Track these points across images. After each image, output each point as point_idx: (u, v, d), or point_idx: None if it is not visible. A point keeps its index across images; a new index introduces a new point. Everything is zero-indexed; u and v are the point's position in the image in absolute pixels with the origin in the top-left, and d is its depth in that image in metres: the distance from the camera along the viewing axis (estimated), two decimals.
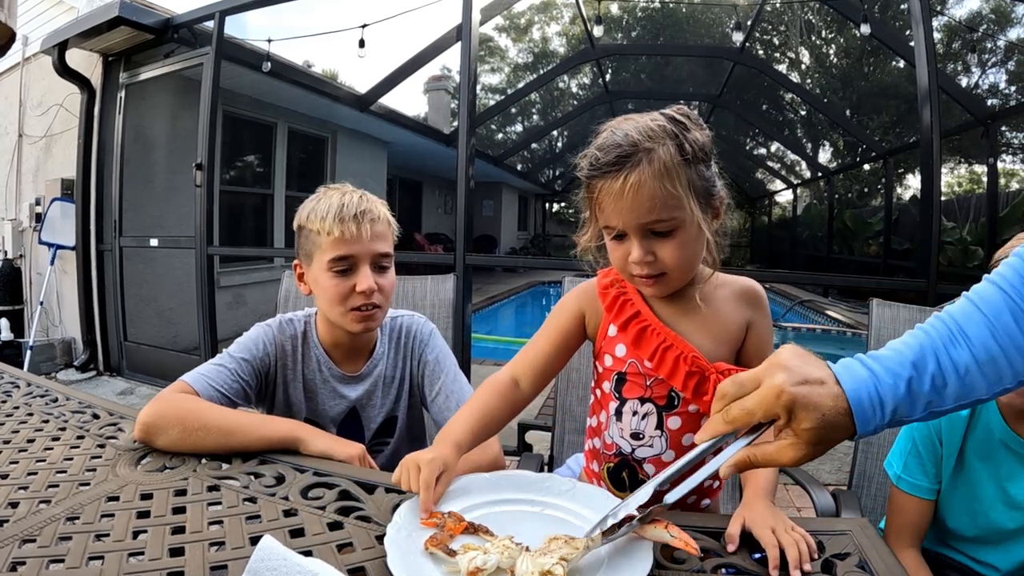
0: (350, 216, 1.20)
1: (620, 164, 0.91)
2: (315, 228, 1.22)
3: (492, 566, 0.70)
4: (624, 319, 1.04)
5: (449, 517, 0.80)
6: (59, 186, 4.93)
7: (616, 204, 0.92)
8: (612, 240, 0.99)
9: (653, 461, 1.04)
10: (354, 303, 1.22)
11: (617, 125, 0.97)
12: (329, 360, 1.32)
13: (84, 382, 4.78)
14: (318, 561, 0.68)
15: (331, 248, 1.21)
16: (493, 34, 16.26)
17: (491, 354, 6.35)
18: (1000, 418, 1.09)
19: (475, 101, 3.40)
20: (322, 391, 1.31)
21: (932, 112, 2.73)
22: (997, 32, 10.11)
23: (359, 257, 1.22)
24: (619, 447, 1.06)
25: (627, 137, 0.92)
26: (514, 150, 15.66)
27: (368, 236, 1.22)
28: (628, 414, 1.05)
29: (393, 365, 1.37)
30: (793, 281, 11.43)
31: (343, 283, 1.22)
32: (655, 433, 1.03)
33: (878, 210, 11.93)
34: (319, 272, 1.23)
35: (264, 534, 0.69)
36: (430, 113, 14.35)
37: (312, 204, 1.26)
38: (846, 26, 10.36)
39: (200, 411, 1.06)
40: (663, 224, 0.92)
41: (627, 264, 0.97)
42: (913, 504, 1.17)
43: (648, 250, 0.94)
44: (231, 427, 1.04)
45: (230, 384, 1.19)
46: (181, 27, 4.51)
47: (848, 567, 0.74)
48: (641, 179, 0.90)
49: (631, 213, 0.92)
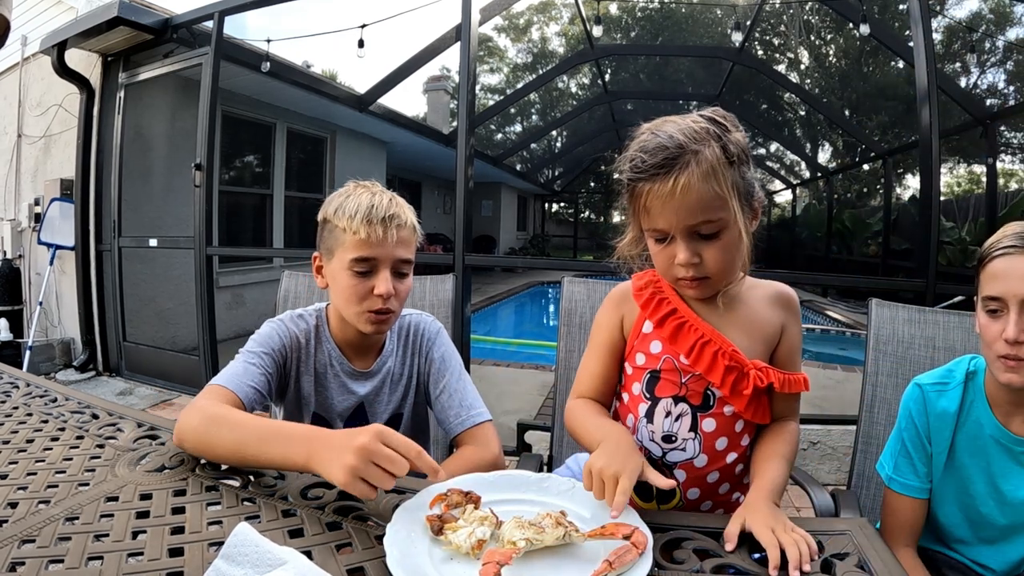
0: (378, 219, 1.19)
1: (668, 166, 0.91)
2: (341, 225, 1.21)
3: (488, 535, 0.77)
4: (661, 315, 1.04)
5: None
6: (58, 186, 4.92)
7: (665, 206, 0.92)
8: (656, 243, 0.99)
9: (685, 467, 1.03)
10: (370, 305, 1.22)
11: (657, 127, 0.96)
12: (341, 355, 1.32)
13: (83, 382, 4.77)
14: (288, 549, 0.69)
15: (354, 248, 1.20)
16: (492, 34, 16.30)
17: (490, 354, 6.35)
18: (991, 414, 1.09)
19: (474, 101, 3.40)
20: (332, 385, 1.31)
21: (931, 112, 2.74)
22: (996, 32, 10.13)
23: (381, 261, 1.22)
24: (648, 452, 1.04)
25: (672, 139, 0.92)
26: (513, 150, 15.65)
27: (393, 241, 1.22)
28: (660, 415, 1.03)
29: (401, 362, 1.37)
30: (792, 281, 11.19)
31: (362, 284, 1.21)
32: (688, 435, 1.02)
33: (877, 210, 11.93)
34: (339, 269, 1.23)
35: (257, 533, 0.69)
36: (429, 113, 14.35)
37: (340, 199, 1.24)
38: (845, 26, 10.37)
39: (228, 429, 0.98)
40: (710, 226, 0.93)
41: (671, 267, 0.97)
42: (906, 504, 1.17)
43: (695, 252, 0.94)
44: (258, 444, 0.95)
45: (259, 379, 1.18)
46: (180, 27, 4.50)
47: (847, 567, 0.74)
48: (690, 181, 0.90)
49: (680, 215, 0.92)
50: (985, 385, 1.11)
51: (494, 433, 1.26)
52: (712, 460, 1.02)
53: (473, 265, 3.33)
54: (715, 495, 1.05)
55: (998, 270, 1.01)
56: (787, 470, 0.98)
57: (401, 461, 0.80)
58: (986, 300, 1.03)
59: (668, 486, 0.87)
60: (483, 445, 1.23)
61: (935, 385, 1.16)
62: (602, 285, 1.64)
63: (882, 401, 1.55)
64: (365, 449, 0.80)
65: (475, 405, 1.29)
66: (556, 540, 0.76)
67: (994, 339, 1.02)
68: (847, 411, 3.42)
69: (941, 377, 1.17)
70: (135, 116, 4.97)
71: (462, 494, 0.85)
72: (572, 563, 0.75)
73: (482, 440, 1.24)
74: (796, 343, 1.08)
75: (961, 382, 1.14)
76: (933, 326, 1.56)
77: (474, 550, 0.74)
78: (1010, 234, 1.01)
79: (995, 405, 1.09)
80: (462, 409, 1.28)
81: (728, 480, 1.05)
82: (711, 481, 1.04)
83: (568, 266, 4.24)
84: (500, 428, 1.15)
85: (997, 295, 1.01)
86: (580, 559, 0.76)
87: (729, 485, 1.06)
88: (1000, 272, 1.01)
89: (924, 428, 1.15)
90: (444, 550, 0.76)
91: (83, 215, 4.92)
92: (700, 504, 1.05)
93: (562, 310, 1.71)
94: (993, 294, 1.02)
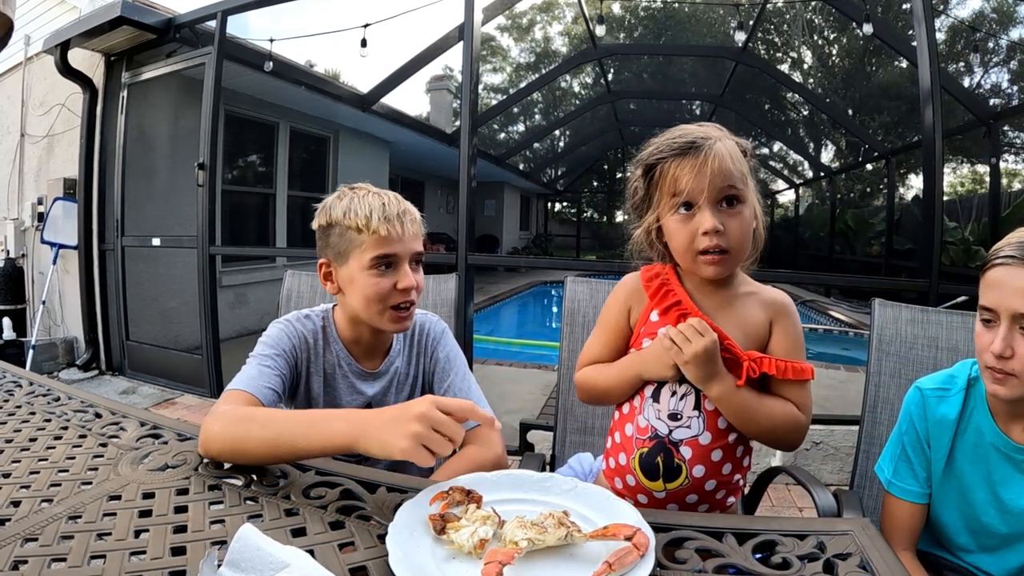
0: (394, 216, 1.22)
1: (695, 146, 1.03)
2: (354, 226, 1.22)
3: (491, 535, 0.77)
4: (667, 305, 1.11)
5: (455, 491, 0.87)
6: (61, 185, 4.93)
7: (692, 174, 1.02)
8: (679, 216, 1.06)
9: (690, 443, 1.06)
10: (394, 301, 1.23)
11: (678, 129, 1.08)
12: (349, 356, 1.33)
13: (86, 381, 4.78)
14: (291, 549, 0.68)
15: (374, 247, 1.22)
16: (495, 34, 16.27)
17: (493, 354, 6.34)
18: (991, 421, 1.08)
19: (477, 101, 3.40)
20: (341, 386, 1.32)
21: (934, 112, 2.73)
22: (999, 32, 10.09)
23: (401, 256, 1.24)
24: (655, 429, 1.08)
25: (693, 132, 1.05)
26: (516, 150, 15.62)
27: (410, 235, 1.25)
28: (666, 394, 1.08)
29: (408, 362, 1.38)
30: (795, 281, 11.35)
31: (384, 281, 1.22)
32: (693, 413, 1.07)
33: (880, 210, 11.90)
34: (357, 271, 1.24)
35: (252, 531, 0.69)
36: (432, 113, 14.35)
37: (345, 203, 1.25)
38: (848, 26, 10.35)
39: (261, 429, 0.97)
40: (734, 191, 1.04)
41: (695, 240, 1.05)
42: (905, 508, 1.17)
43: (720, 220, 1.03)
44: (292, 441, 0.94)
45: (275, 380, 1.19)
46: (183, 27, 4.51)
47: (850, 567, 0.74)
48: (715, 153, 1.02)
49: (709, 179, 1.02)
50: (986, 393, 1.11)
51: (498, 433, 1.26)
52: (716, 438, 1.07)
53: (476, 264, 3.33)
54: (719, 474, 1.08)
55: (994, 280, 1.00)
56: (762, 407, 1.06)
57: (458, 427, 0.84)
58: (981, 309, 1.02)
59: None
60: (486, 445, 1.23)
61: (936, 390, 1.15)
62: (605, 285, 1.64)
63: (885, 401, 1.55)
64: (426, 417, 0.83)
65: (480, 405, 1.29)
66: (558, 540, 0.76)
67: (983, 349, 1.01)
68: (850, 411, 3.41)
69: (943, 382, 1.16)
70: (138, 115, 4.97)
71: (464, 493, 0.86)
72: (574, 563, 0.75)
73: (485, 440, 1.24)
74: (791, 345, 1.11)
75: (962, 388, 1.13)
76: (936, 326, 1.56)
77: (476, 550, 0.74)
78: (1013, 242, 0.99)
79: (996, 413, 1.08)
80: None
81: (730, 460, 1.09)
82: (715, 459, 1.07)
83: (571, 266, 4.24)
84: (503, 428, 1.16)
85: (990, 306, 1.00)
86: (582, 560, 0.76)
87: (731, 466, 1.09)
88: (996, 282, 0.99)
89: (924, 432, 1.15)
90: (446, 549, 0.76)
91: (86, 214, 4.93)
92: (705, 483, 1.07)
93: (565, 310, 1.71)
94: (987, 304, 1.00)
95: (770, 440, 1.10)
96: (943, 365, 1.40)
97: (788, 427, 1.07)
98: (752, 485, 1.48)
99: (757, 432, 1.08)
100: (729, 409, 1.04)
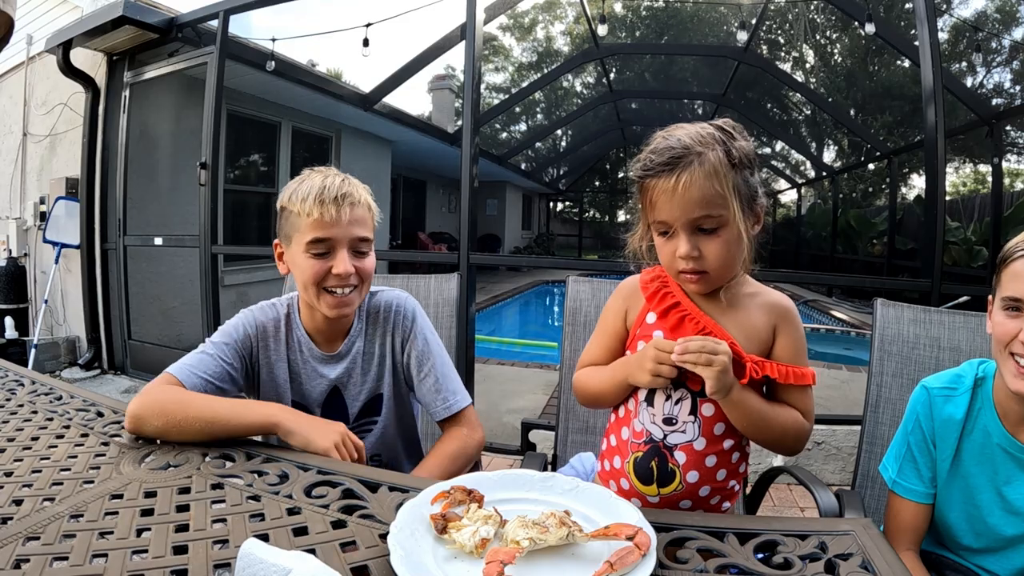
0: (330, 199, 1.21)
1: (673, 164, 0.99)
2: (295, 209, 1.23)
3: (492, 534, 0.77)
4: (665, 307, 1.10)
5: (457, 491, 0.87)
6: (63, 185, 4.94)
7: (668, 201, 1.00)
8: (661, 237, 1.06)
9: (685, 448, 1.06)
10: (329, 284, 1.24)
11: (669, 132, 1.04)
12: (310, 341, 1.34)
13: (88, 380, 4.79)
14: (295, 553, 0.68)
15: (310, 230, 1.22)
16: (497, 33, 16.26)
17: (495, 354, 6.34)
18: (998, 422, 1.08)
19: (479, 100, 3.40)
20: (303, 372, 1.33)
21: (937, 111, 2.72)
22: (1002, 31, 10.07)
23: (337, 240, 1.23)
24: (650, 433, 1.07)
25: (680, 141, 1.00)
26: (518, 149, 15.62)
27: (347, 219, 1.23)
28: (660, 398, 1.07)
29: (371, 341, 1.37)
30: (797, 281, 11.38)
31: (320, 265, 1.23)
32: (688, 418, 1.06)
33: (882, 210, 11.88)
34: (297, 253, 1.25)
35: (250, 535, 0.69)
36: (434, 112, 14.33)
37: (295, 185, 1.27)
38: (851, 25, 10.33)
39: (183, 401, 1.11)
40: (710, 220, 1.00)
41: (674, 260, 1.04)
42: (910, 508, 1.17)
43: (695, 246, 1.01)
44: (212, 416, 1.08)
45: (213, 369, 1.22)
46: (185, 26, 4.51)
47: (851, 567, 0.74)
48: (692, 178, 0.97)
49: (682, 208, 0.99)
50: (993, 393, 1.10)
51: (476, 416, 1.33)
52: (710, 443, 1.06)
53: (478, 264, 3.33)
54: (713, 480, 1.07)
55: (1021, 270, 1.01)
56: (770, 412, 1.04)
57: (360, 454, 1.11)
58: (1007, 300, 1.03)
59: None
60: (470, 428, 1.30)
61: (943, 390, 1.15)
62: (607, 284, 1.64)
63: (887, 401, 1.55)
64: (346, 434, 1.10)
65: (458, 390, 1.34)
66: (560, 540, 0.76)
67: (1010, 336, 1.02)
68: (852, 411, 3.40)
69: (949, 382, 1.16)
70: (140, 115, 4.98)
71: (465, 492, 0.86)
72: (575, 563, 0.75)
73: (467, 424, 1.31)
74: (793, 349, 1.10)
75: (969, 388, 1.13)
76: (938, 326, 1.56)
77: (478, 549, 0.74)
78: None
79: (1003, 413, 1.08)
80: (448, 394, 1.32)
81: (725, 467, 1.08)
82: (710, 465, 1.06)
83: (573, 265, 4.24)
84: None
85: (1019, 296, 1.01)
86: (583, 559, 0.76)
87: (726, 472, 1.08)
88: (1022, 273, 1.01)
89: (930, 432, 1.14)
90: (448, 549, 0.76)
91: (88, 214, 4.94)
92: (699, 488, 1.06)
93: (567, 309, 1.71)
94: (1015, 295, 1.01)
95: (778, 446, 1.09)
96: (945, 365, 1.40)
97: (796, 434, 1.07)
98: (754, 485, 1.48)
99: (767, 438, 1.06)
100: (743, 414, 1.02)
